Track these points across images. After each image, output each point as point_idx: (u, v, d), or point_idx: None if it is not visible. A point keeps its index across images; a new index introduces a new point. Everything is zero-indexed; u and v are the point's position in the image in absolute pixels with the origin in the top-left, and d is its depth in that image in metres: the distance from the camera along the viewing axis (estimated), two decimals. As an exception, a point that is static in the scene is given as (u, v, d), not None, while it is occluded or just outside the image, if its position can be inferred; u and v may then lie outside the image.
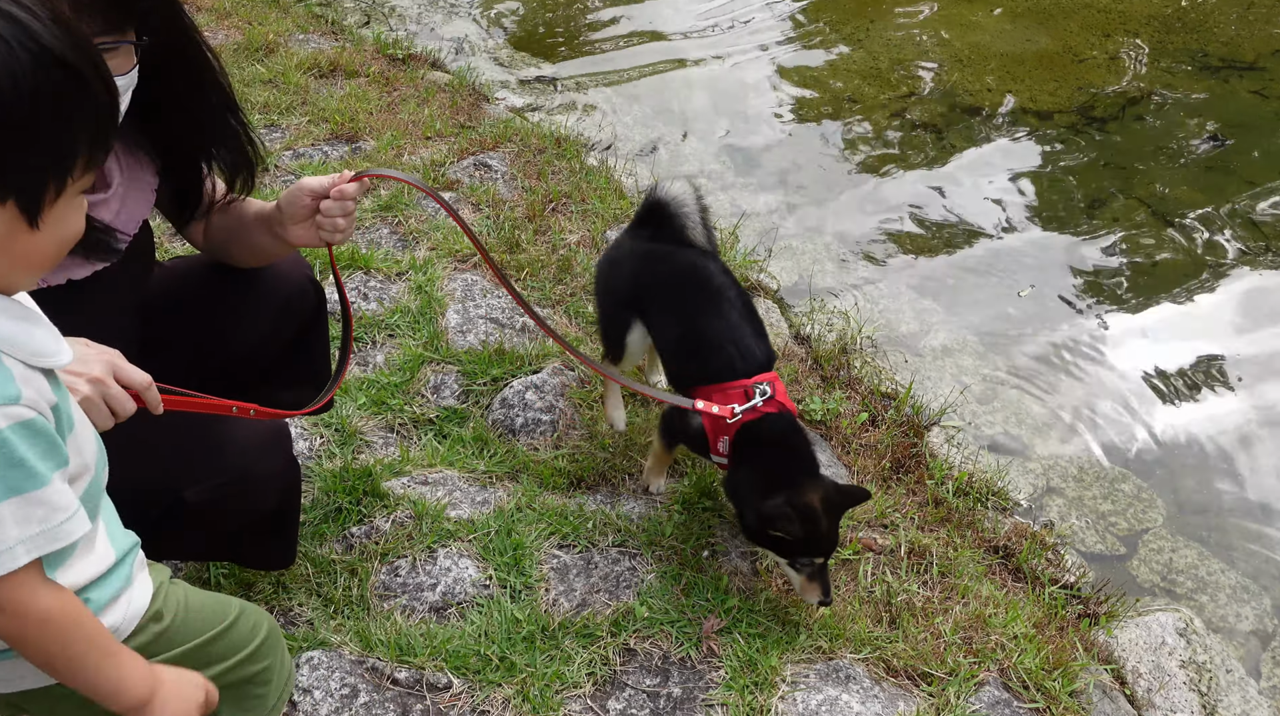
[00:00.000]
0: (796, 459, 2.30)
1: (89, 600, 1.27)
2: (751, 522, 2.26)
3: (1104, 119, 4.81)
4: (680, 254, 2.53)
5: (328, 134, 3.98)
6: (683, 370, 2.48)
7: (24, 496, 1.10)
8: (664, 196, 2.57)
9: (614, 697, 2.17)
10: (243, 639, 1.52)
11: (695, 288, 2.46)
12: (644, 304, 2.56)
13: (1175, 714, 2.44)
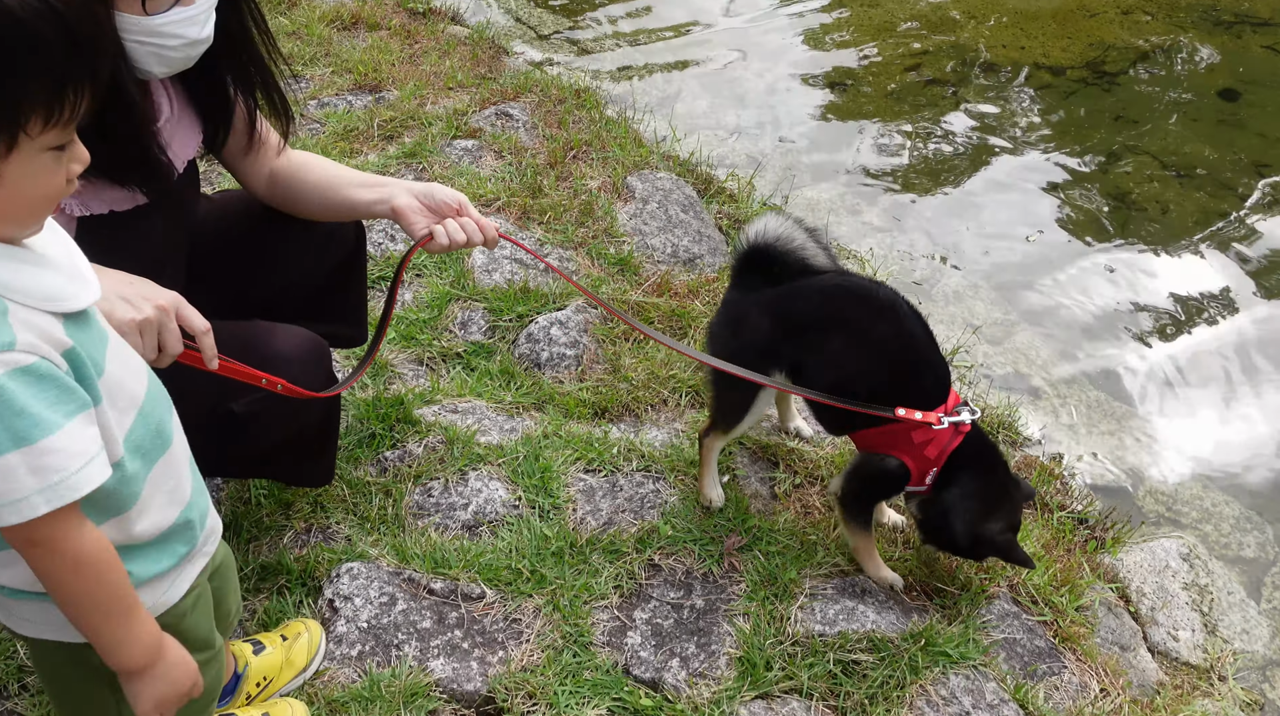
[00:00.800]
0: (1003, 474, 2.28)
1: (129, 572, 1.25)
2: (966, 542, 2.23)
3: (1115, 73, 4.86)
4: (823, 282, 2.26)
5: (351, 84, 4.06)
6: (856, 399, 2.22)
7: (33, 446, 1.08)
8: (764, 239, 2.27)
9: (639, 608, 2.27)
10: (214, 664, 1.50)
11: (865, 310, 2.22)
12: (793, 352, 2.28)
13: (1178, 630, 2.53)
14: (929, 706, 2.12)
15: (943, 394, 2.21)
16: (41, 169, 1.09)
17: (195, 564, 1.40)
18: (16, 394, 1.06)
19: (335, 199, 2.15)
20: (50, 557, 1.14)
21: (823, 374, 2.25)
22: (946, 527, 2.23)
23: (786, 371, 2.30)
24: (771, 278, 2.27)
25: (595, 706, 2.06)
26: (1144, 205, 4.15)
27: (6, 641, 2.11)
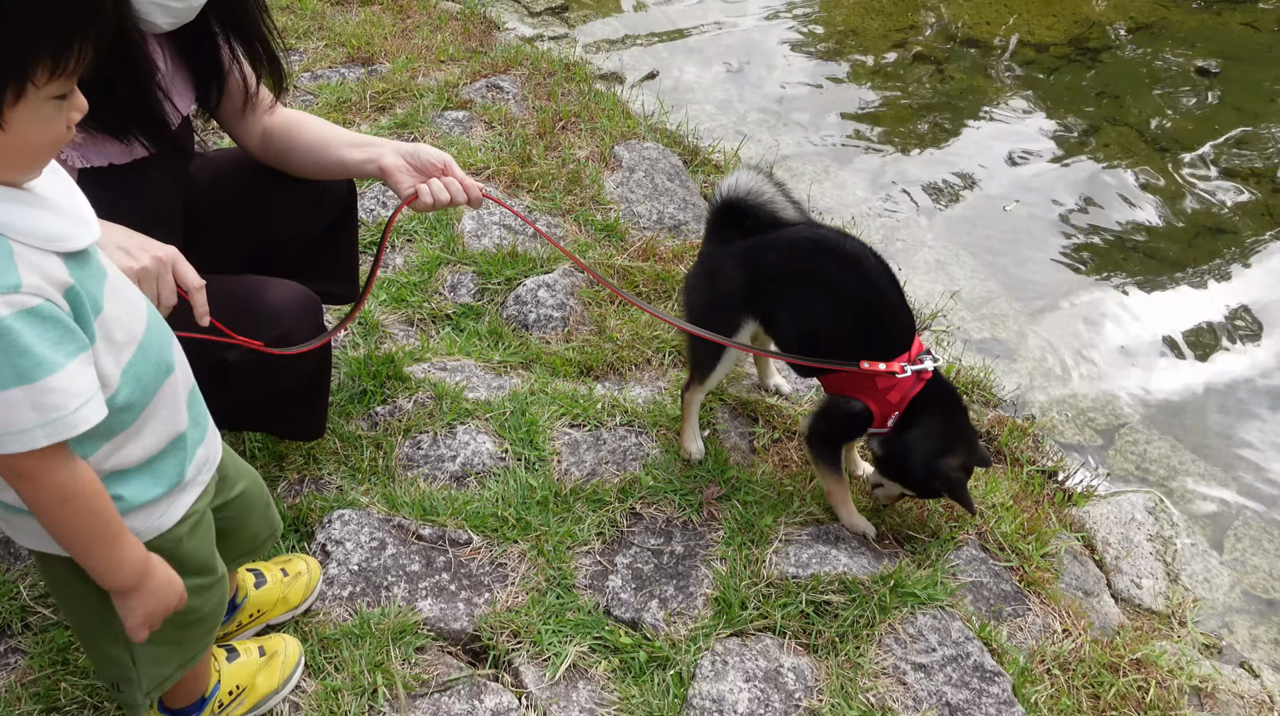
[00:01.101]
0: (962, 420, 2.37)
1: (120, 497, 1.34)
2: (921, 476, 2.31)
3: (1098, 50, 4.93)
4: (793, 234, 2.32)
5: (344, 57, 4.13)
6: (834, 355, 2.31)
7: (34, 384, 1.13)
8: (737, 193, 2.35)
9: (620, 554, 2.35)
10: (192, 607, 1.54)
11: (833, 262, 2.29)
12: (765, 301, 2.37)
13: (1141, 578, 2.63)
14: (897, 643, 2.21)
15: (907, 341, 2.30)
16: (45, 117, 1.15)
17: (189, 492, 1.47)
18: (21, 334, 1.12)
19: (326, 158, 2.22)
20: (38, 490, 1.22)
21: (793, 322, 2.35)
22: (904, 462, 2.32)
23: (759, 320, 2.39)
24: (745, 230, 2.36)
25: (577, 644, 2.15)
26: (1123, 178, 4.22)
27: (10, 583, 2.19)
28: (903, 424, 2.33)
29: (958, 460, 2.28)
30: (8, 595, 2.17)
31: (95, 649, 1.55)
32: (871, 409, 2.33)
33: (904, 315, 2.32)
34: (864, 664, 2.16)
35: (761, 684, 2.11)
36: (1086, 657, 2.27)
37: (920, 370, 2.27)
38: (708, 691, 2.08)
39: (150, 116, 1.93)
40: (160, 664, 1.59)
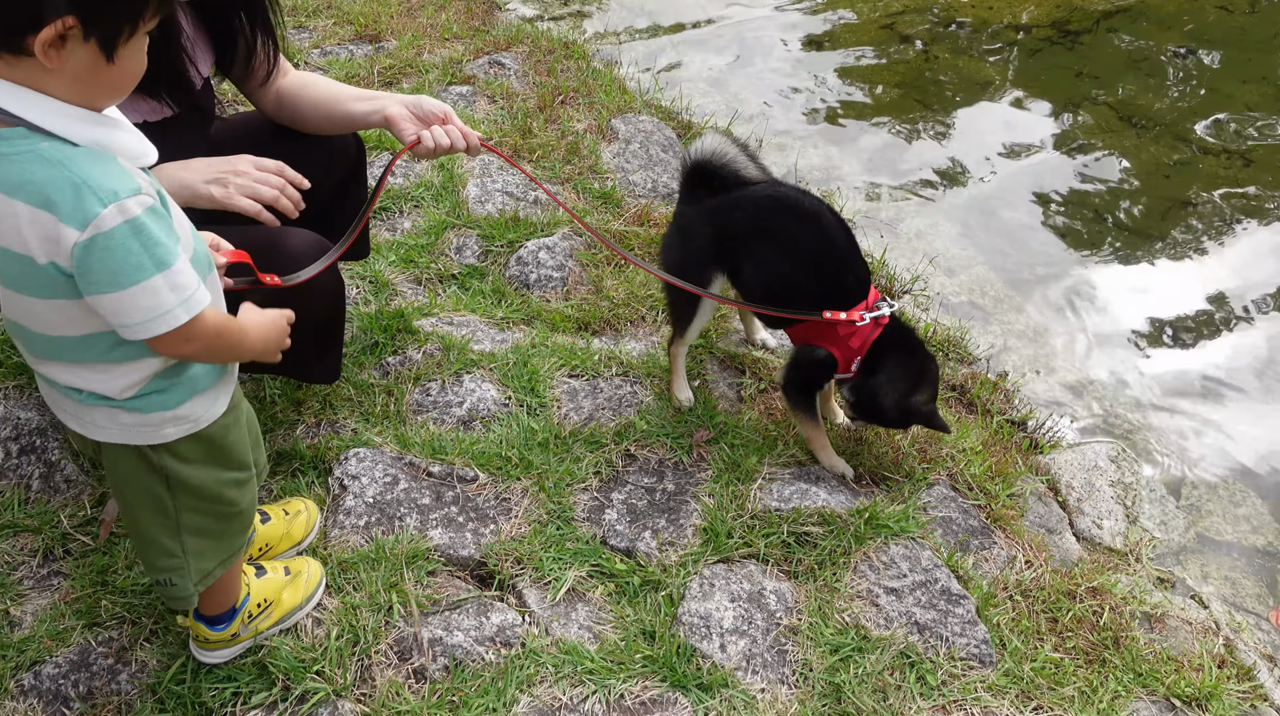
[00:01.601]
0: (921, 355, 2.55)
1: (195, 377, 1.55)
2: (894, 414, 2.51)
3: (1078, 32, 5.11)
4: (756, 193, 2.49)
5: (352, 35, 4.29)
6: (796, 306, 2.49)
7: (169, 269, 1.35)
8: (704, 155, 2.51)
9: (616, 491, 2.54)
10: (233, 499, 1.74)
11: (792, 218, 2.45)
12: (732, 257, 2.54)
13: (1101, 520, 2.81)
14: (870, 570, 2.40)
15: (863, 291, 2.48)
16: (140, 50, 1.34)
17: (229, 385, 1.67)
18: (151, 227, 1.32)
19: (335, 113, 2.40)
20: (203, 343, 1.46)
21: (757, 276, 2.54)
22: (877, 405, 2.51)
23: (727, 274, 2.58)
24: (713, 190, 2.54)
25: (575, 570, 2.33)
26: (1101, 155, 4.40)
27: (52, 512, 2.37)
28: (866, 368, 2.52)
29: (925, 394, 2.47)
30: (50, 523, 2.35)
31: (152, 544, 1.73)
32: (835, 355, 2.51)
33: (860, 267, 2.50)
34: (840, 588, 2.35)
35: (745, 604, 2.29)
36: (1046, 586, 2.46)
37: (877, 316, 2.45)
38: (696, 610, 2.26)
39: (176, 76, 2.11)
40: (206, 557, 1.78)
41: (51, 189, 1.26)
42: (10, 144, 1.27)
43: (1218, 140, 4.45)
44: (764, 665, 2.20)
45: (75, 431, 1.61)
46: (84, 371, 1.49)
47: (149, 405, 1.54)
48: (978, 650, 2.27)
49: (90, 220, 1.27)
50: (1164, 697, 2.28)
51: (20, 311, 1.44)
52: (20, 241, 1.31)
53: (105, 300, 1.34)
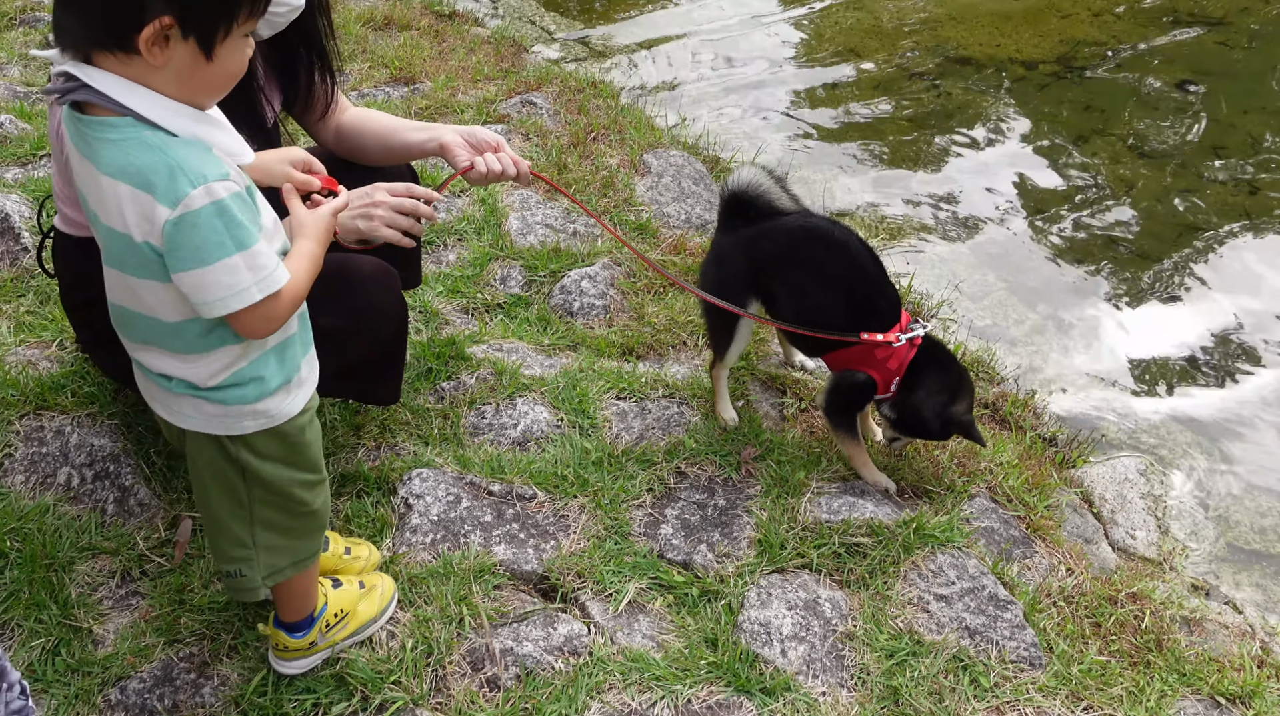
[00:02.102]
0: (956, 370, 2.66)
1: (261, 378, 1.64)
2: (936, 425, 2.60)
3: (1084, 67, 5.28)
4: (789, 223, 2.61)
5: (387, 78, 4.44)
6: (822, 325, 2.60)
7: (248, 249, 1.45)
8: (740, 186, 2.64)
9: (669, 506, 2.63)
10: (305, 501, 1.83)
11: (823, 247, 2.57)
12: (766, 284, 2.65)
13: (1135, 530, 2.91)
14: (920, 578, 2.49)
15: (895, 315, 2.60)
16: (238, 50, 1.46)
17: (305, 387, 1.77)
18: (235, 210, 1.43)
19: (393, 143, 2.52)
20: (281, 318, 1.55)
21: (791, 302, 2.65)
22: (919, 418, 2.62)
23: (763, 301, 2.70)
24: (749, 220, 2.66)
25: (635, 582, 2.42)
26: (1110, 183, 4.55)
27: (128, 535, 2.45)
28: (905, 387, 2.62)
29: (963, 405, 2.58)
30: (126, 545, 2.44)
31: (225, 532, 1.82)
32: (875, 378, 2.62)
33: (890, 292, 2.62)
34: (892, 595, 2.44)
35: (802, 611, 2.38)
36: (1088, 592, 2.55)
37: (912, 337, 2.56)
38: (755, 617, 2.35)
39: (252, 113, 2.24)
40: (276, 553, 1.87)
41: (150, 171, 1.39)
42: (119, 131, 1.41)
43: (1224, 169, 4.60)
44: (823, 669, 2.29)
45: (163, 418, 1.72)
46: (174, 359, 1.61)
47: (230, 397, 1.65)
48: (1027, 653, 2.36)
49: (180, 199, 1.39)
50: (1209, 696, 2.36)
51: (123, 292, 1.57)
52: (122, 221, 1.44)
53: (188, 277, 1.45)
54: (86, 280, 2.32)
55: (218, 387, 1.64)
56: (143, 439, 2.65)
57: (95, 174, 1.44)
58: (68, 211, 2.23)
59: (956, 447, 2.85)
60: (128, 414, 2.70)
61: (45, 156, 3.62)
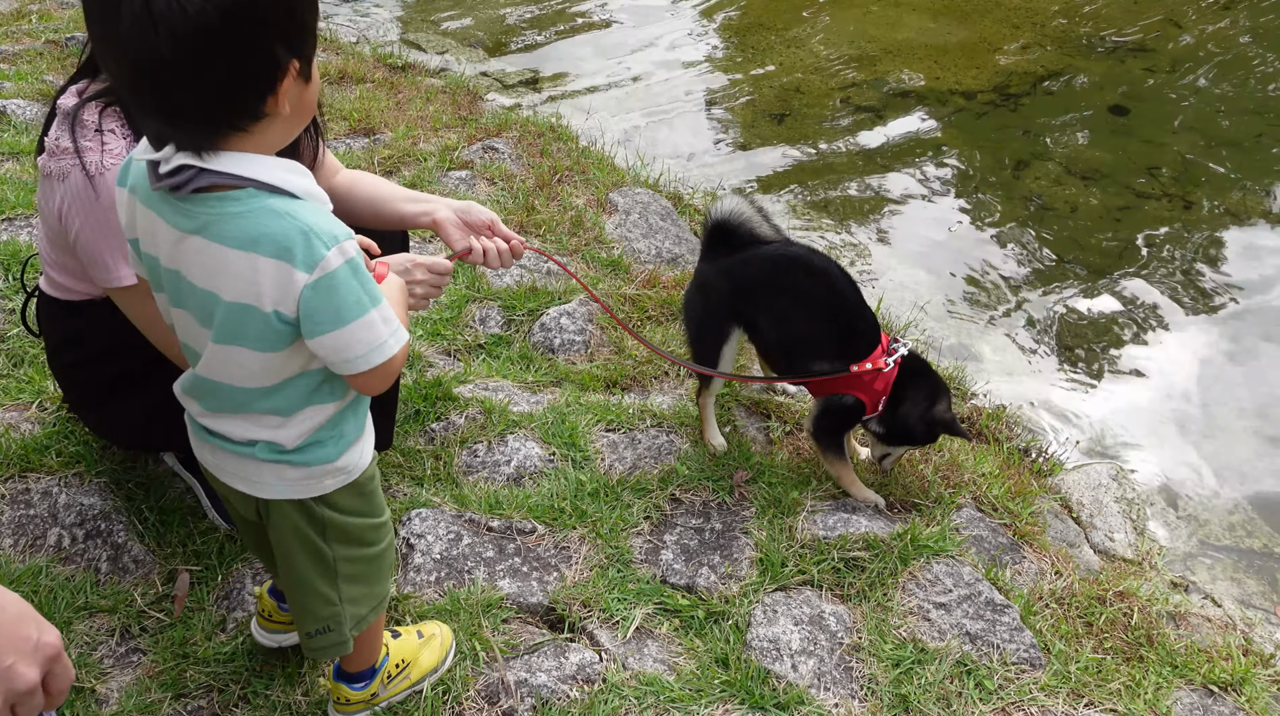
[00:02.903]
0: (933, 376, 2.75)
1: (343, 434, 1.64)
2: (922, 429, 2.68)
3: (1019, 95, 5.50)
4: (770, 251, 2.67)
5: (347, 129, 4.47)
6: (814, 357, 2.68)
7: (380, 304, 1.45)
8: (723, 215, 2.71)
9: (668, 533, 2.66)
10: (379, 537, 1.84)
11: (804, 274, 2.64)
12: (748, 311, 2.71)
13: (1114, 533, 3.01)
14: (918, 587, 2.55)
15: (876, 337, 2.68)
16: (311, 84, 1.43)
17: (370, 437, 1.77)
18: (362, 267, 1.43)
19: (385, 211, 2.52)
20: (397, 372, 1.54)
21: (774, 329, 2.72)
22: (907, 428, 2.70)
23: (744, 327, 2.76)
24: (731, 249, 2.73)
25: (641, 608, 2.45)
26: (1053, 204, 4.73)
27: (125, 591, 2.42)
28: (891, 402, 2.69)
29: (943, 404, 2.67)
30: (124, 602, 2.40)
31: (313, 593, 1.80)
32: (863, 400, 2.70)
33: (869, 315, 2.71)
34: (892, 606, 2.50)
35: (808, 627, 2.42)
36: (1078, 593, 2.63)
37: (897, 358, 2.65)
38: (764, 634, 2.39)
39: None
40: (360, 603, 1.86)
41: (284, 238, 1.37)
42: (243, 203, 1.39)
43: (1157, 186, 4.82)
44: (834, 682, 2.33)
45: (239, 492, 1.70)
46: (265, 425, 1.59)
47: (313, 458, 1.64)
48: (1027, 654, 2.42)
49: (318, 262, 1.38)
50: (1201, 685, 2.45)
51: (222, 365, 1.53)
52: (253, 293, 1.41)
53: (328, 339, 1.44)
54: (76, 342, 2.32)
55: (301, 448, 1.62)
56: (133, 495, 2.62)
57: (216, 250, 1.40)
58: (55, 276, 2.21)
59: (940, 461, 2.94)
60: (116, 471, 2.67)
61: (7, 220, 3.58)
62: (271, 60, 1.32)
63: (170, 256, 1.48)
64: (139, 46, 1.23)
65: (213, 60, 1.27)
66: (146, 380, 2.25)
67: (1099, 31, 6.11)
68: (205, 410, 1.64)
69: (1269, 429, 3.56)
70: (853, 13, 6.48)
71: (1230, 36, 6.01)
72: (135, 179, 1.49)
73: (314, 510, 1.70)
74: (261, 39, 1.30)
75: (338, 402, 1.63)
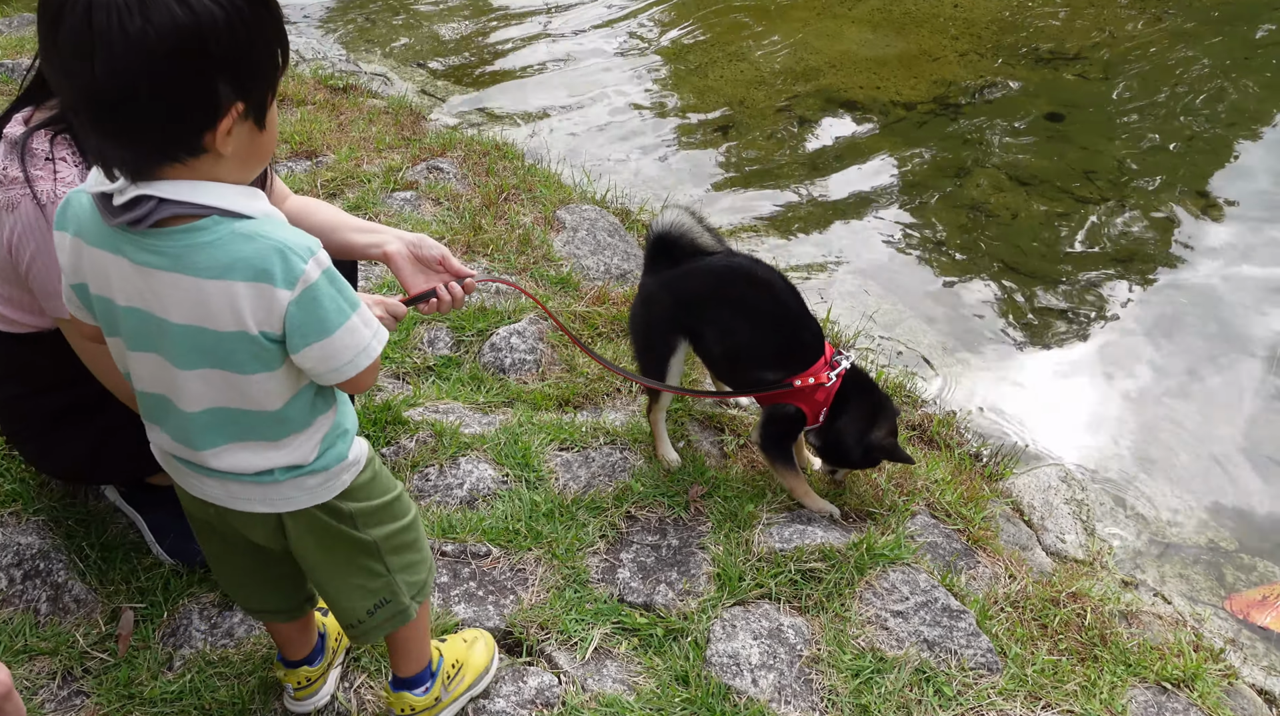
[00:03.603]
0: (877, 396, 2.72)
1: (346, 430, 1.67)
2: (858, 453, 2.67)
3: (959, 104, 5.59)
4: (713, 262, 2.68)
5: (289, 152, 4.41)
6: (759, 368, 2.69)
7: (359, 308, 1.47)
8: (664, 228, 2.70)
9: (624, 551, 2.65)
10: (404, 508, 1.85)
11: (747, 285, 2.64)
12: (692, 323, 2.71)
13: (1064, 534, 3.05)
14: (875, 596, 2.56)
15: (820, 349, 2.69)
16: (274, 111, 1.43)
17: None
18: (337, 275, 1.43)
19: (335, 241, 2.45)
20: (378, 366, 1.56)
21: (718, 340, 2.73)
22: (842, 447, 2.71)
23: (690, 339, 2.76)
24: (675, 261, 2.73)
25: (599, 628, 2.43)
26: (995, 211, 4.80)
27: (66, 633, 2.35)
28: (831, 415, 2.70)
29: (883, 430, 2.67)
30: (66, 643, 2.33)
31: (356, 576, 1.80)
32: (804, 411, 2.70)
33: (813, 326, 2.70)
34: (850, 616, 2.50)
35: (767, 640, 2.42)
36: (1031, 595, 2.65)
37: (839, 372, 2.65)
38: (723, 650, 2.38)
39: None
40: (413, 570, 1.88)
41: (260, 259, 1.37)
42: (210, 232, 1.37)
43: (1094, 190, 4.91)
44: (794, 695, 2.32)
45: (256, 514, 1.67)
46: (277, 449, 1.58)
47: (328, 461, 1.64)
48: (984, 659, 2.44)
49: (299, 277, 1.38)
50: (1155, 683, 2.48)
51: (221, 392, 1.51)
52: (235, 318, 1.40)
53: (315, 349, 1.45)
54: (22, 374, 2.25)
55: (319, 456, 1.63)
56: (73, 532, 2.55)
57: (191, 283, 1.39)
58: (2, 309, 2.15)
59: (893, 469, 2.95)
60: (55, 508, 2.60)
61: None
62: (210, 96, 1.31)
63: (131, 295, 1.45)
64: (78, 64, 1.23)
65: (145, 84, 1.25)
66: (98, 411, 2.20)
67: (1033, 41, 6.23)
68: (215, 445, 1.59)
69: (1211, 426, 3.63)
70: (794, 26, 6.54)
71: (1159, 44, 6.16)
72: (79, 221, 1.46)
73: (339, 507, 1.71)
74: (202, 72, 1.28)
75: (334, 405, 1.64)
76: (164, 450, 1.68)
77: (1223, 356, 3.94)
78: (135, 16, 1.21)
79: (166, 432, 1.63)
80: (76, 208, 1.46)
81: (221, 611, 2.41)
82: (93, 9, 1.21)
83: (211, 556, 1.93)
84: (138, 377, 1.58)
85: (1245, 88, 5.75)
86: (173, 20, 1.22)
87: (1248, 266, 4.42)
